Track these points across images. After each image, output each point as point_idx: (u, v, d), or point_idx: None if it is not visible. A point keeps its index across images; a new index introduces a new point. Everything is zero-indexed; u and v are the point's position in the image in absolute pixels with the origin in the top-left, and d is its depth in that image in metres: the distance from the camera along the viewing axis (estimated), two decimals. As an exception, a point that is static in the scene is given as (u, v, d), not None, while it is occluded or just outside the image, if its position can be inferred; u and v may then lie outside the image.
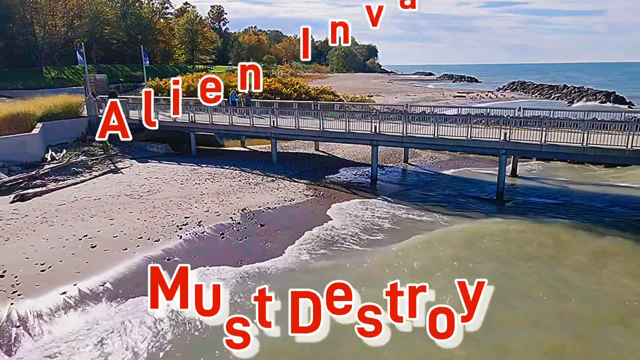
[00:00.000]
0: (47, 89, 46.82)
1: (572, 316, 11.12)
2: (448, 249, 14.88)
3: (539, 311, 11.26)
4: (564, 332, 10.52)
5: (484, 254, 14.49)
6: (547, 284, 12.62)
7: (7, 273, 12.55)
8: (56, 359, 9.44)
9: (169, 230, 15.90)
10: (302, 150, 29.93)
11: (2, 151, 22.38)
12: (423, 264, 13.73)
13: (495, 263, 13.84)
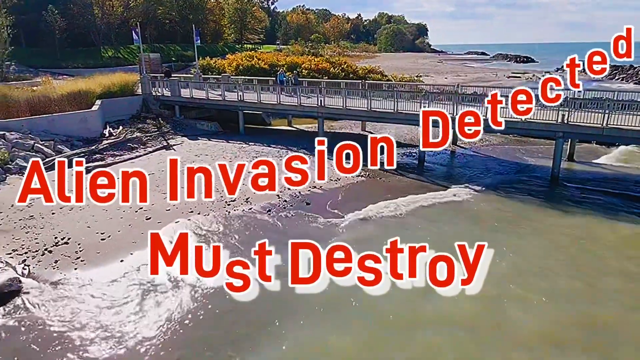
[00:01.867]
0: (104, 68, 48.99)
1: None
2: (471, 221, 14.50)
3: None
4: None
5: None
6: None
7: (71, 240, 13.43)
8: (115, 319, 10.06)
9: (217, 205, 16.42)
10: (349, 130, 29.77)
11: (66, 127, 23.69)
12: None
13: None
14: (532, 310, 10.49)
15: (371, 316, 10.28)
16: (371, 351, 9.28)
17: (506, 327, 9.94)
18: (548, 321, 10.08)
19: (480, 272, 10.67)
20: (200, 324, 10.01)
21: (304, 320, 10.12)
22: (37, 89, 28.70)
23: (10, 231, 14.03)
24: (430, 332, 9.77)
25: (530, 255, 13.03)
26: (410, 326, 9.98)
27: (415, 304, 10.64)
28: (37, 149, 20.88)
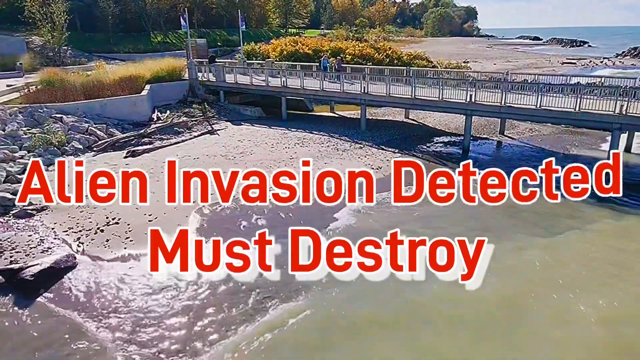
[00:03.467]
0: (154, 53, 50.36)
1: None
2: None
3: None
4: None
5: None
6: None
7: (121, 221, 14.06)
8: (160, 296, 10.52)
9: (259, 191, 16.65)
10: (392, 117, 29.38)
11: (117, 110, 24.66)
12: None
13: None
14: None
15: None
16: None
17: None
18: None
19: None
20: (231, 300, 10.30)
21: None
22: (91, 73, 30.02)
23: (66, 210, 14.84)
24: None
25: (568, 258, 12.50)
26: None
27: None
28: (91, 132, 21.87)
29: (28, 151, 18.83)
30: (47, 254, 12.13)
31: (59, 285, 11.06)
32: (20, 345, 9.10)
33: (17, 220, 14.10)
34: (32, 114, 21.53)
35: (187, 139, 23.68)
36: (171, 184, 16.87)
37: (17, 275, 10.90)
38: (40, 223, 13.99)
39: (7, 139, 18.96)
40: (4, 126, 19.82)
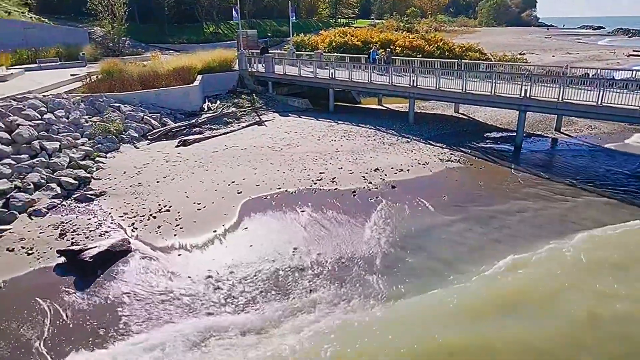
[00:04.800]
0: (206, 43, 51.67)
1: None
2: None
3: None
4: None
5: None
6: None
7: (172, 208, 14.64)
8: (205, 284, 10.93)
9: (304, 183, 16.83)
10: (440, 111, 28.72)
11: (171, 100, 25.54)
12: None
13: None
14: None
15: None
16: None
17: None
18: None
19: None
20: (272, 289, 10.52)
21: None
22: (147, 64, 31.17)
23: (122, 196, 15.63)
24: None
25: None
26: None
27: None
28: (146, 121, 22.79)
29: (89, 138, 19.89)
30: (104, 238, 12.85)
31: (114, 267, 11.70)
32: (77, 322, 9.73)
33: (78, 204, 15.00)
34: (93, 103, 22.69)
35: (236, 130, 24.20)
36: (219, 175, 17.38)
37: (77, 257, 11.63)
38: (99, 207, 14.81)
39: (70, 126, 20.10)
40: (68, 114, 21.02)
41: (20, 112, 19.04)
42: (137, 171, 17.73)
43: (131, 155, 19.60)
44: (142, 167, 18.21)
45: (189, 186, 16.41)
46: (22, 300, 10.38)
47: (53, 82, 26.26)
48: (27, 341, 9.17)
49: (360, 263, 11.83)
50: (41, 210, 14.25)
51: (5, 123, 17.91)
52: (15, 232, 13.10)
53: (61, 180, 15.92)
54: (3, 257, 11.93)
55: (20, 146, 17.14)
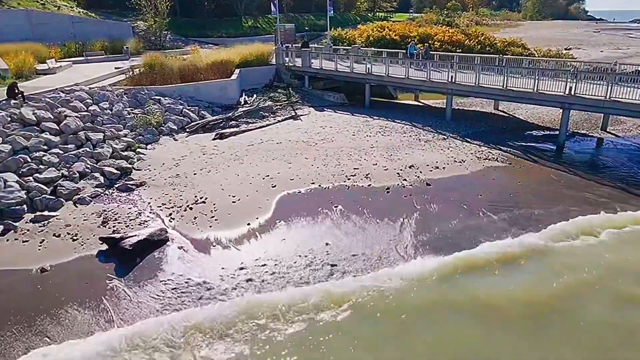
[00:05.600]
0: (244, 37, 52.15)
1: None
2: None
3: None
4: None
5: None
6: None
7: (208, 200, 14.99)
8: (240, 273, 11.14)
9: (338, 179, 16.85)
10: (479, 108, 28.04)
11: (208, 94, 26.04)
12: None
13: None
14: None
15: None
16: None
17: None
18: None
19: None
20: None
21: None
22: (187, 57, 31.88)
23: (160, 186, 16.11)
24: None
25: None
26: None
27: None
28: (185, 114, 23.34)
29: (130, 130, 20.57)
30: (144, 227, 13.30)
31: (152, 255, 12.10)
32: (116, 305, 10.15)
33: (119, 194, 15.58)
34: (135, 96, 23.42)
35: (272, 124, 24.42)
36: (254, 168, 17.63)
37: (118, 244, 12.09)
38: (139, 197, 15.33)
39: (113, 118, 20.84)
40: (112, 106, 21.79)
41: (68, 104, 19.89)
42: (175, 163, 18.23)
43: (170, 147, 20.15)
44: (180, 159, 18.69)
45: (225, 179, 16.74)
46: (68, 283, 10.90)
47: (98, 75, 27.27)
48: (73, 322, 9.64)
49: (391, 261, 11.76)
50: (85, 199, 14.89)
51: (54, 114, 18.76)
52: (62, 218, 13.76)
53: (104, 170, 16.56)
54: (50, 242, 12.55)
55: (68, 136, 17.91)
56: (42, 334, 9.36)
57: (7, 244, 12.47)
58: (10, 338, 9.25)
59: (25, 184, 14.75)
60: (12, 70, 24.14)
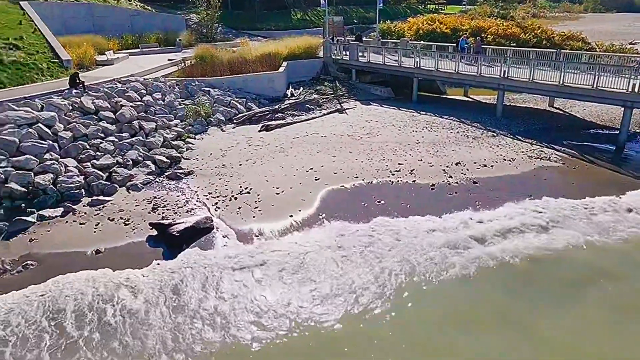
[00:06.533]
0: (293, 30, 52.44)
1: None
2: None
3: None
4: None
5: None
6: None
7: (252, 191, 15.28)
8: (278, 264, 11.33)
9: (382, 174, 16.71)
10: (532, 105, 26.90)
11: (257, 86, 26.45)
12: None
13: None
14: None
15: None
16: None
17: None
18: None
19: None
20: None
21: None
22: (236, 50, 32.45)
23: (207, 176, 16.58)
24: None
25: None
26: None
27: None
28: (232, 105, 23.84)
29: (181, 120, 21.24)
30: (190, 214, 13.76)
31: (197, 242, 12.50)
32: (163, 290, 10.57)
33: (169, 182, 16.18)
34: (186, 87, 24.15)
35: (317, 117, 24.50)
36: (298, 161, 17.79)
37: (166, 230, 12.58)
38: (187, 186, 15.85)
39: (165, 108, 21.59)
40: (164, 97, 22.57)
41: (124, 94, 20.79)
42: (222, 153, 18.68)
43: (217, 138, 20.66)
44: (227, 149, 19.14)
45: (269, 170, 16.99)
46: (120, 265, 11.47)
47: (152, 66, 28.29)
48: (123, 301, 10.17)
49: (434, 260, 11.56)
50: (138, 185, 15.57)
51: (111, 103, 19.67)
52: (116, 203, 14.46)
53: (155, 159, 17.23)
54: (105, 226, 13.24)
55: (123, 125, 18.75)
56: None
57: (67, 225, 13.26)
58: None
59: (84, 170, 15.60)
60: (74, 61, 25.45)
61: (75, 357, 8.73)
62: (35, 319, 9.54)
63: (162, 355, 8.76)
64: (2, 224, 12.73)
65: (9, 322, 9.46)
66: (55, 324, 9.43)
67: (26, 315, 9.63)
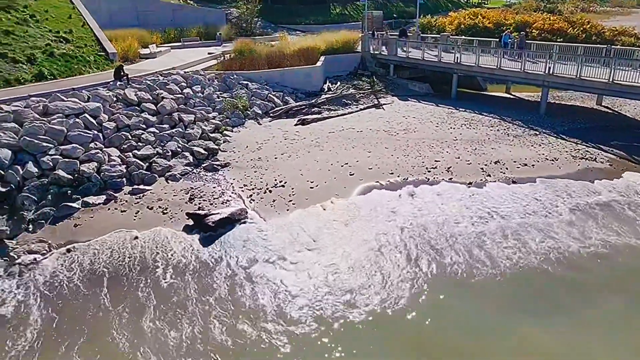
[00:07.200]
0: (331, 25, 52.35)
1: None
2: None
3: None
4: None
5: None
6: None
7: (287, 184, 15.38)
8: (310, 257, 11.37)
9: (417, 170, 16.47)
10: (579, 103, 25.82)
11: (294, 80, 26.55)
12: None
13: None
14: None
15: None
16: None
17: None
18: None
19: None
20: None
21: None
22: (275, 44, 32.65)
23: (243, 168, 16.80)
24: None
25: None
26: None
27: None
28: (269, 99, 24.03)
29: (219, 113, 21.59)
30: (226, 205, 13.99)
31: (231, 233, 12.70)
32: (195, 277, 10.83)
33: (206, 173, 16.51)
34: (225, 80, 24.51)
35: (353, 112, 24.38)
36: (333, 155, 17.75)
37: (202, 221, 12.85)
38: (223, 177, 16.12)
39: (204, 101, 22.00)
40: (203, 89, 23.00)
41: (165, 87, 21.32)
42: (258, 146, 18.88)
43: (254, 131, 20.89)
44: (263, 142, 19.32)
45: (304, 164, 17.04)
46: (158, 251, 11.81)
47: (193, 59, 28.87)
48: (165, 286, 10.49)
49: (472, 258, 11.32)
50: (176, 176, 15.96)
51: (153, 95, 20.21)
52: (155, 193, 14.88)
53: (193, 150, 17.60)
54: (144, 214, 13.65)
55: (163, 117, 19.23)
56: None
57: (109, 212, 13.75)
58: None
59: (126, 159, 16.12)
60: (119, 54, 26.30)
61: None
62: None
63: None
64: (50, 209, 13.33)
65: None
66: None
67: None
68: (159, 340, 9.07)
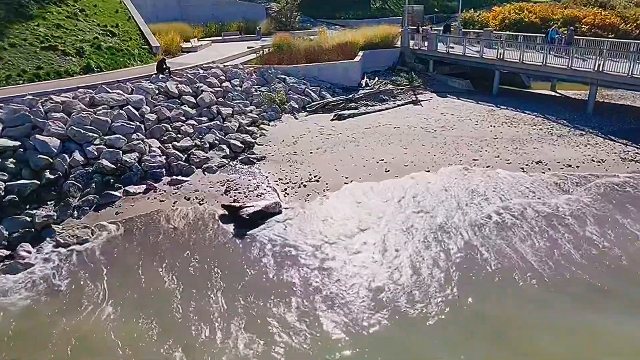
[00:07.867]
0: (371, 19, 51.76)
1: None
2: None
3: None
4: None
5: None
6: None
7: (321, 179, 15.41)
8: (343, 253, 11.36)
9: (454, 168, 16.11)
10: (630, 102, 24.55)
11: (331, 75, 26.47)
12: None
13: None
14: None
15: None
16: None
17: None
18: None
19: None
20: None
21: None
22: (313, 38, 32.64)
23: (279, 162, 16.94)
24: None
25: None
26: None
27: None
28: (307, 93, 24.08)
29: (256, 107, 21.83)
30: (260, 198, 14.16)
31: (265, 225, 12.85)
32: (230, 269, 11.02)
33: (242, 166, 16.75)
34: (263, 74, 24.74)
35: (391, 107, 24.10)
36: (369, 151, 17.64)
37: (237, 213, 13.06)
38: (258, 171, 16.32)
39: (242, 94, 22.29)
40: (242, 83, 23.31)
41: (205, 80, 21.74)
42: (293, 141, 18.97)
43: (290, 125, 21.01)
44: (299, 137, 19.41)
45: (339, 159, 17.01)
46: (194, 240, 12.12)
47: (232, 53, 29.26)
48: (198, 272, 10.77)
49: (510, 260, 11.03)
50: (213, 168, 16.28)
51: (193, 88, 20.65)
52: (192, 184, 15.25)
53: (230, 143, 17.89)
54: (182, 204, 14.01)
55: (202, 110, 19.63)
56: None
57: (148, 201, 14.19)
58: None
59: (165, 150, 16.57)
60: (162, 48, 26.99)
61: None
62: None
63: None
64: (94, 196, 13.88)
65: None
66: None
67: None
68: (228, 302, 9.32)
